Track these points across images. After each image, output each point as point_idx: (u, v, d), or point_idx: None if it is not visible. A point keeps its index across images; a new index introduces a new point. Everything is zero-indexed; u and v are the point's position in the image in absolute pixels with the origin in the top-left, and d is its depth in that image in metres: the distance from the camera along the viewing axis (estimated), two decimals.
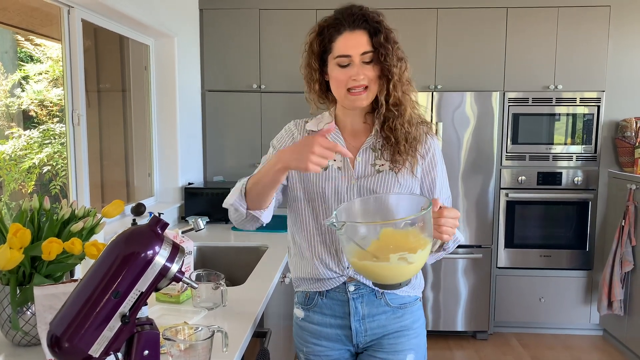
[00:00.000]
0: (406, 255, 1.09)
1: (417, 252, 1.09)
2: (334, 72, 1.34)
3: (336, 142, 1.38)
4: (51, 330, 0.89)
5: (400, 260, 1.09)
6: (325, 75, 1.39)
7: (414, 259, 1.09)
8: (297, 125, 1.51)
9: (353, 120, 1.43)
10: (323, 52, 1.36)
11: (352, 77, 1.30)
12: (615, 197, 3.59)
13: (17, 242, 1.21)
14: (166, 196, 3.28)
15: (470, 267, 3.62)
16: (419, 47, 3.59)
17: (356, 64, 1.30)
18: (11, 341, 1.35)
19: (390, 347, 1.42)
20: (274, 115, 3.65)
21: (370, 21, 1.31)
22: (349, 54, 1.30)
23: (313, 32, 1.38)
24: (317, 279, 1.44)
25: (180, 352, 1.16)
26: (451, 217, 1.18)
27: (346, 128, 1.45)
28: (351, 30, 1.31)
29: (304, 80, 1.44)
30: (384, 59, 1.30)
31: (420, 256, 1.10)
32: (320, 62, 1.38)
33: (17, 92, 2.81)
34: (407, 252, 1.08)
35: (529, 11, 3.56)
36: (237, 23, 3.62)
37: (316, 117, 1.50)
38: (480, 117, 3.51)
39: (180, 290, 1.71)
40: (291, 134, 1.50)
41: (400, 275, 1.12)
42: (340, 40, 1.31)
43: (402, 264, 1.09)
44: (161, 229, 0.95)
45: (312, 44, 1.37)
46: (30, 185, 2.83)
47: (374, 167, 1.40)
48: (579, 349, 3.59)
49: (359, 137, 1.44)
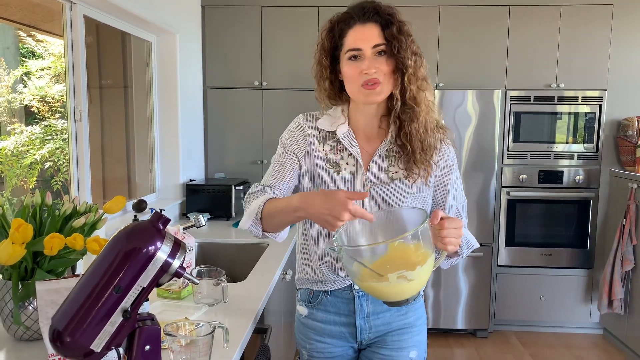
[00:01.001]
0: (405, 273, 1.08)
1: (416, 268, 1.08)
2: (345, 68, 1.30)
3: (349, 147, 1.36)
4: (53, 325, 0.90)
5: (399, 279, 1.08)
6: (338, 74, 1.35)
7: (414, 276, 1.08)
8: (307, 121, 1.43)
9: (367, 123, 1.39)
10: (334, 49, 1.33)
11: (363, 70, 1.26)
12: (616, 196, 3.58)
13: (19, 237, 1.21)
14: (167, 193, 3.29)
15: (471, 265, 3.62)
16: (421, 44, 3.54)
17: (367, 57, 1.27)
18: (13, 336, 1.36)
19: (393, 344, 1.42)
20: (275, 112, 3.65)
21: (382, 13, 1.28)
22: (359, 47, 1.27)
23: (324, 29, 1.35)
24: (322, 281, 1.43)
25: (181, 347, 1.16)
26: (453, 227, 1.15)
27: (360, 130, 1.40)
28: (362, 24, 1.28)
29: (315, 79, 1.40)
30: (397, 51, 1.27)
31: (421, 272, 1.09)
32: (331, 60, 1.34)
33: (19, 88, 2.82)
34: (405, 269, 1.08)
35: (532, 9, 3.56)
36: (239, 20, 3.62)
37: (328, 114, 1.43)
38: (482, 115, 3.51)
39: (182, 286, 1.72)
40: (302, 131, 1.42)
41: (402, 293, 1.12)
42: (351, 34, 1.28)
43: (402, 282, 1.08)
44: (163, 225, 0.95)
45: (323, 42, 1.34)
46: (32, 181, 2.83)
47: (387, 174, 1.37)
48: (579, 348, 3.59)
49: (373, 142, 1.40)
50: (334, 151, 1.39)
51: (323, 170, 1.39)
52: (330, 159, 1.39)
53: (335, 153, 1.39)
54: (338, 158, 1.39)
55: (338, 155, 1.39)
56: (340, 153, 1.39)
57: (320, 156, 1.39)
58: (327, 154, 1.39)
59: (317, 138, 1.41)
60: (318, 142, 1.40)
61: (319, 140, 1.40)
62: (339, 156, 1.39)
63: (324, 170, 1.38)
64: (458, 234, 1.16)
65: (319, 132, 1.41)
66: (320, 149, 1.40)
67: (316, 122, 1.43)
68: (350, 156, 1.38)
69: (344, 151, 1.39)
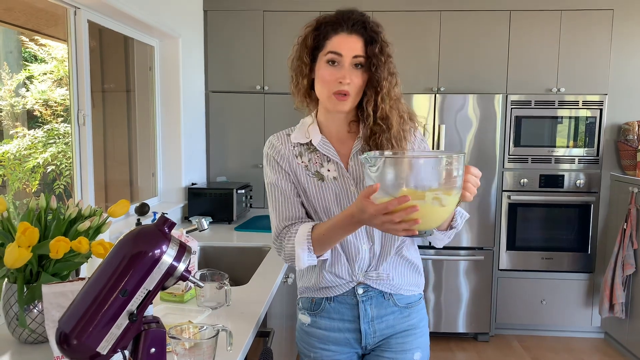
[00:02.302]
0: (441, 196, 1.07)
1: (452, 194, 1.07)
2: (321, 70, 1.32)
3: (327, 153, 1.37)
4: (60, 327, 0.91)
5: (434, 200, 1.06)
6: (312, 73, 1.36)
7: (447, 202, 1.07)
8: (279, 139, 1.44)
9: (338, 128, 1.41)
10: (315, 48, 1.34)
11: (339, 79, 1.28)
12: (617, 200, 3.59)
13: (25, 241, 1.22)
14: (170, 196, 3.30)
15: (472, 269, 3.62)
16: (422, 49, 3.61)
17: (345, 66, 1.29)
18: (18, 339, 1.36)
19: (398, 347, 1.43)
20: (277, 116, 3.66)
21: (369, 29, 1.29)
22: (341, 52, 1.28)
23: (309, 26, 1.36)
24: (325, 287, 1.43)
25: (185, 350, 1.17)
26: (475, 174, 1.17)
27: (332, 134, 1.42)
28: (348, 33, 1.29)
29: (292, 74, 1.40)
30: (375, 69, 1.29)
31: (452, 200, 1.09)
32: (311, 58, 1.35)
33: (21, 91, 2.83)
34: (442, 192, 1.07)
35: (532, 14, 3.57)
36: (241, 24, 3.64)
37: (297, 128, 1.44)
38: (483, 120, 3.52)
39: (185, 289, 1.72)
40: (277, 152, 1.42)
41: (432, 217, 1.09)
42: (335, 39, 1.30)
43: (436, 204, 1.07)
44: (168, 229, 0.96)
45: (306, 38, 1.35)
46: (34, 184, 2.84)
47: None
48: (580, 352, 3.59)
49: (346, 143, 1.41)
50: (313, 161, 1.41)
51: (307, 180, 1.40)
52: (312, 169, 1.40)
53: (315, 162, 1.40)
54: (318, 166, 1.40)
55: (318, 164, 1.40)
56: (319, 161, 1.40)
57: (301, 168, 1.41)
58: (306, 165, 1.41)
59: (294, 152, 1.42)
60: (295, 156, 1.41)
61: (295, 155, 1.42)
62: (318, 164, 1.40)
63: (308, 179, 1.40)
64: (477, 183, 1.17)
65: (293, 146, 1.42)
66: (299, 161, 1.41)
67: (288, 138, 1.44)
68: (330, 162, 1.39)
69: (322, 159, 1.40)
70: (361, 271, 1.40)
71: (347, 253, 1.40)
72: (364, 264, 1.40)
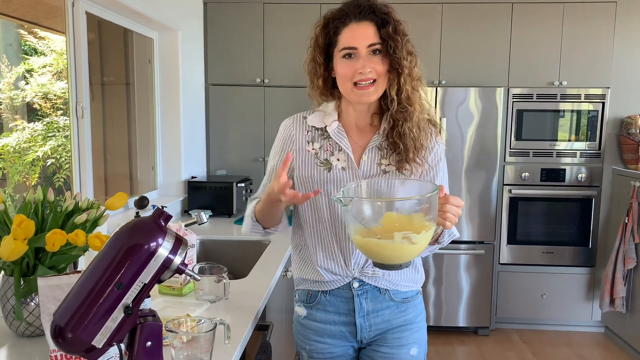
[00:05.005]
0: (410, 235, 1.08)
1: (421, 232, 1.08)
2: (339, 66, 1.30)
3: (339, 142, 1.38)
4: (55, 320, 0.90)
5: (404, 240, 1.08)
6: (330, 70, 1.35)
7: (418, 240, 1.08)
8: (294, 122, 1.44)
9: (359, 118, 1.39)
10: (328, 45, 1.32)
11: (358, 70, 1.26)
12: (618, 194, 3.58)
13: (21, 234, 1.21)
14: (169, 189, 3.29)
15: (473, 262, 3.62)
16: (423, 42, 3.58)
17: (362, 56, 1.26)
18: (15, 332, 1.36)
19: (394, 342, 1.42)
20: (277, 109, 3.64)
21: (378, 12, 1.27)
22: (354, 46, 1.26)
23: (319, 25, 1.34)
24: (321, 281, 1.43)
25: (182, 344, 1.16)
26: (455, 204, 1.16)
27: (351, 125, 1.40)
28: (358, 22, 1.27)
29: (308, 76, 1.39)
30: (393, 51, 1.26)
31: (424, 238, 1.09)
32: (325, 57, 1.33)
33: (21, 84, 2.82)
34: (412, 232, 1.08)
35: (535, 6, 3.55)
36: (241, 17, 3.62)
37: (318, 111, 1.43)
38: (484, 113, 3.50)
39: (183, 282, 1.72)
40: (289, 136, 1.43)
41: (402, 255, 1.11)
42: (346, 31, 1.28)
43: (406, 243, 1.08)
44: (164, 221, 0.95)
45: (317, 38, 1.33)
46: (34, 177, 2.84)
47: (379, 166, 1.37)
48: (580, 346, 3.59)
49: (365, 135, 1.39)
50: (324, 148, 1.39)
51: (314, 169, 1.39)
52: (321, 157, 1.39)
53: (325, 150, 1.39)
54: (328, 155, 1.38)
55: (328, 152, 1.39)
56: (330, 149, 1.39)
57: (310, 156, 1.39)
58: (317, 152, 1.39)
59: (306, 138, 1.41)
60: (307, 142, 1.40)
61: (307, 140, 1.41)
62: (329, 152, 1.38)
63: (315, 168, 1.38)
64: (457, 212, 1.17)
65: (308, 131, 1.41)
66: (310, 148, 1.40)
67: (305, 121, 1.43)
68: (340, 152, 1.38)
69: (334, 147, 1.39)
70: (357, 267, 1.39)
71: (342, 249, 1.39)
72: (361, 260, 1.39)
